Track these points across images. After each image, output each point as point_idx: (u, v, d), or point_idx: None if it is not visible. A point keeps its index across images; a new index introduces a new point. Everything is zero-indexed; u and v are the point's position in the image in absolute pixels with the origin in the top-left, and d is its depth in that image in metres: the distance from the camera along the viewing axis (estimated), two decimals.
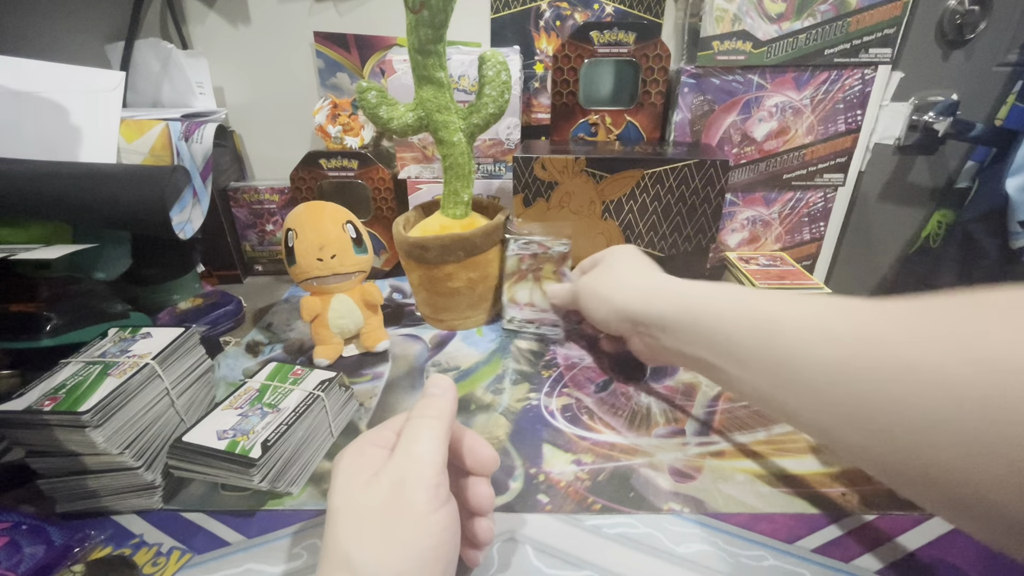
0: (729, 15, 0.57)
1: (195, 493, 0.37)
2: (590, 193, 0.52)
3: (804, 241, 0.71)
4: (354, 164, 0.65)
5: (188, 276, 0.62)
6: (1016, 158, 0.64)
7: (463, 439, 0.29)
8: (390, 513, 0.23)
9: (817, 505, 0.35)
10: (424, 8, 0.43)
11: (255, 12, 0.71)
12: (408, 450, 0.25)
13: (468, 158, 0.52)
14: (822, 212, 0.69)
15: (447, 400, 0.28)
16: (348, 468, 0.25)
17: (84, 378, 0.35)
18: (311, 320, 0.51)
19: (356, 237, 0.51)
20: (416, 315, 0.60)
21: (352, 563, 0.22)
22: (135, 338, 0.40)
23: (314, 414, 0.38)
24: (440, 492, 0.24)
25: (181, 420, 0.39)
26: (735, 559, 0.32)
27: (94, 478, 0.34)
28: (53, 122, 0.51)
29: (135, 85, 0.69)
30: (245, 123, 0.78)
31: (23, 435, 0.33)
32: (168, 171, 0.51)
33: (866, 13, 0.57)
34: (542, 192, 0.54)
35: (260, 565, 0.32)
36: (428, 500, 0.23)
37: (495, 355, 0.53)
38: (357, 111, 0.68)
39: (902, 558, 0.32)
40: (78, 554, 0.32)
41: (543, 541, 0.33)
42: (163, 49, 0.66)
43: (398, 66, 0.59)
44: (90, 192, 0.45)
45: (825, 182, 0.66)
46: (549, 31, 0.69)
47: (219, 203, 0.68)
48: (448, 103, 0.49)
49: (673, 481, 0.37)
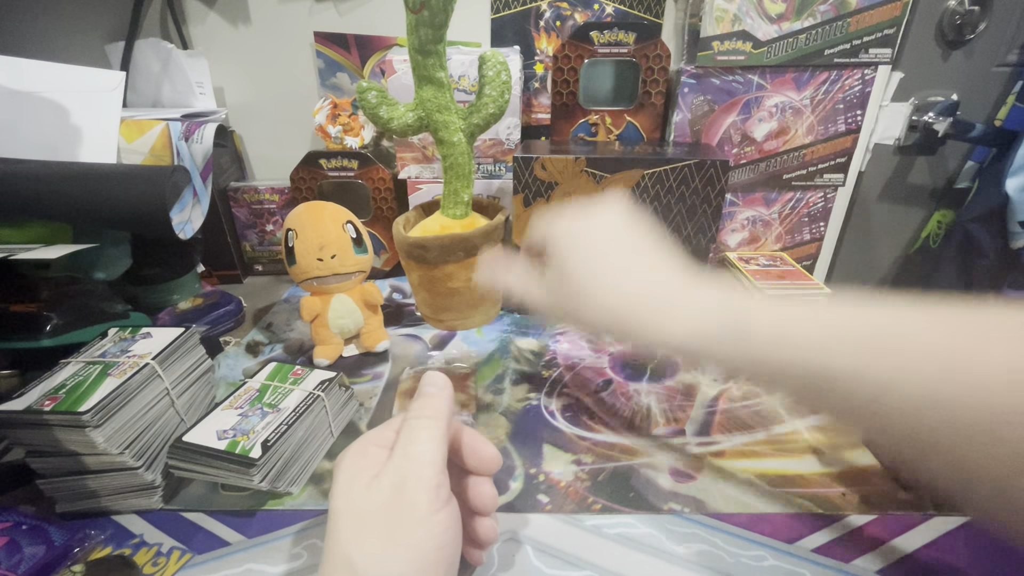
0: (729, 15, 0.57)
1: (195, 493, 0.37)
2: (591, 193, 0.52)
3: (804, 241, 0.71)
4: (354, 164, 0.65)
5: (188, 276, 0.62)
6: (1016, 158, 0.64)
7: (463, 438, 0.29)
8: (391, 515, 0.23)
9: (817, 505, 0.35)
10: (424, 8, 0.43)
11: (255, 12, 0.71)
12: (407, 451, 0.25)
13: (468, 158, 0.52)
14: (822, 212, 0.69)
15: (443, 398, 0.27)
16: (349, 469, 0.25)
17: (84, 378, 0.35)
18: (311, 320, 0.50)
19: (356, 237, 0.51)
20: (416, 315, 0.60)
21: (354, 565, 0.22)
22: (135, 338, 0.40)
23: (314, 414, 0.38)
24: (441, 493, 0.24)
25: (181, 420, 0.39)
26: (735, 559, 0.32)
27: (94, 478, 0.34)
28: (53, 122, 0.51)
29: (135, 85, 0.69)
30: (245, 123, 0.78)
31: (23, 435, 0.33)
32: (168, 171, 0.51)
33: (866, 13, 0.57)
34: (542, 192, 0.53)
35: (260, 565, 0.32)
36: (429, 501, 0.23)
37: (495, 355, 0.53)
38: (357, 111, 0.68)
39: (902, 558, 0.32)
40: (78, 554, 0.32)
41: (543, 541, 0.33)
42: (163, 49, 0.66)
43: (398, 66, 0.59)
44: (90, 192, 0.45)
45: (825, 182, 0.66)
46: (549, 31, 0.69)
47: (219, 203, 0.68)
48: (448, 103, 0.49)
49: (673, 481, 0.37)
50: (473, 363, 0.51)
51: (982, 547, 0.32)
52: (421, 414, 0.26)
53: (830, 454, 0.40)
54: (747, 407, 0.45)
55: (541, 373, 0.50)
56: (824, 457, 0.39)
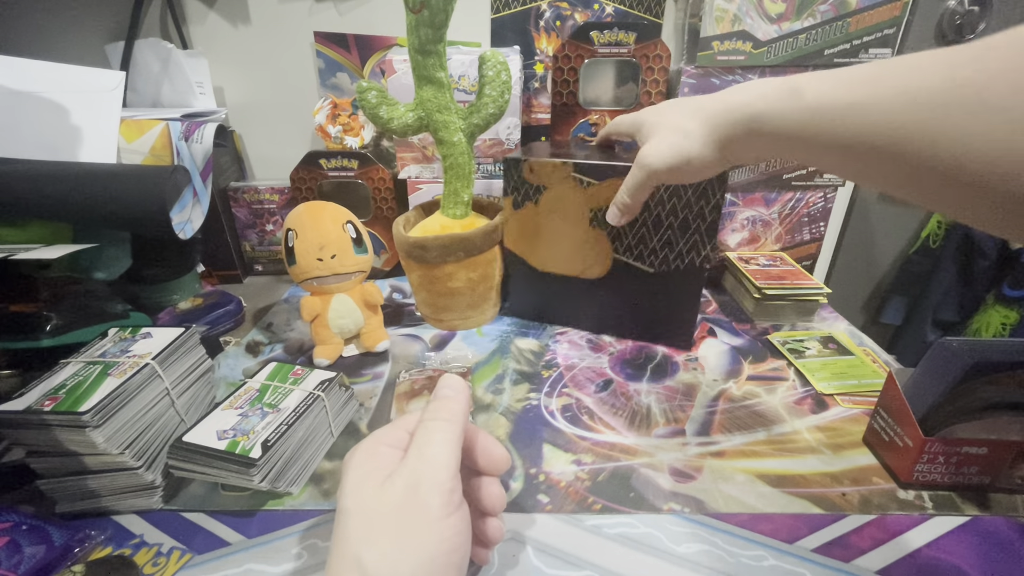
0: (729, 15, 0.57)
1: (195, 493, 0.37)
2: (578, 199, 0.51)
3: (804, 241, 0.71)
4: (354, 164, 0.65)
5: (188, 276, 0.62)
6: None
7: (476, 439, 0.29)
8: (404, 517, 0.23)
9: (817, 505, 0.35)
10: (424, 8, 0.43)
11: (255, 12, 0.71)
12: (422, 453, 0.25)
13: (468, 158, 0.52)
14: (822, 212, 0.69)
15: (460, 402, 0.27)
16: (360, 468, 0.25)
17: (84, 378, 0.35)
18: (311, 320, 0.51)
19: (356, 237, 0.51)
20: (416, 315, 0.60)
21: (363, 565, 0.22)
22: (135, 338, 0.40)
23: (314, 414, 0.38)
24: (454, 497, 0.24)
25: (181, 420, 0.39)
26: (735, 559, 0.32)
27: (94, 478, 0.34)
28: (53, 122, 0.51)
29: (135, 85, 0.68)
30: (245, 123, 0.78)
31: (23, 435, 0.33)
32: (168, 171, 0.51)
33: (866, 13, 0.57)
34: (530, 195, 0.53)
35: (260, 565, 0.32)
36: (443, 504, 0.23)
37: (495, 355, 0.53)
38: (357, 111, 0.68)
39: (902, 558, 0.32)
40: (78, 554, 0.32)
41: (543, 541, 0.33)
42: (163, 49, 0.66)
43: (398, 66, 0.59)
44: (90, 192, 0.45)
45: (825, 182, 0.66)
46: (549, 31, 0.69)
47: (219, 203, 0.68)
48: (448, 103, 0.49)
49: (673, 481, 0.37)
50: (472, 363, 0.51)
51: (982, 547, 0.32)
52: (437, 416, 0.26)
53: (830, 454, 0.40)
54: (747, 407, 0.45)
55: (541, 373, 0.50)
56: (824, 457, 0.39)
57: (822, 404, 0.45)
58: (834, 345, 0.53)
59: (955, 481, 0.36)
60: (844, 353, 0.52)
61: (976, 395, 0.34)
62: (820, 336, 0.55)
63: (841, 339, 0.54)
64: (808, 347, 0.53)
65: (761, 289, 0.58)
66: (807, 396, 0.46)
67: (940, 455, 0.35)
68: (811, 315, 0.59)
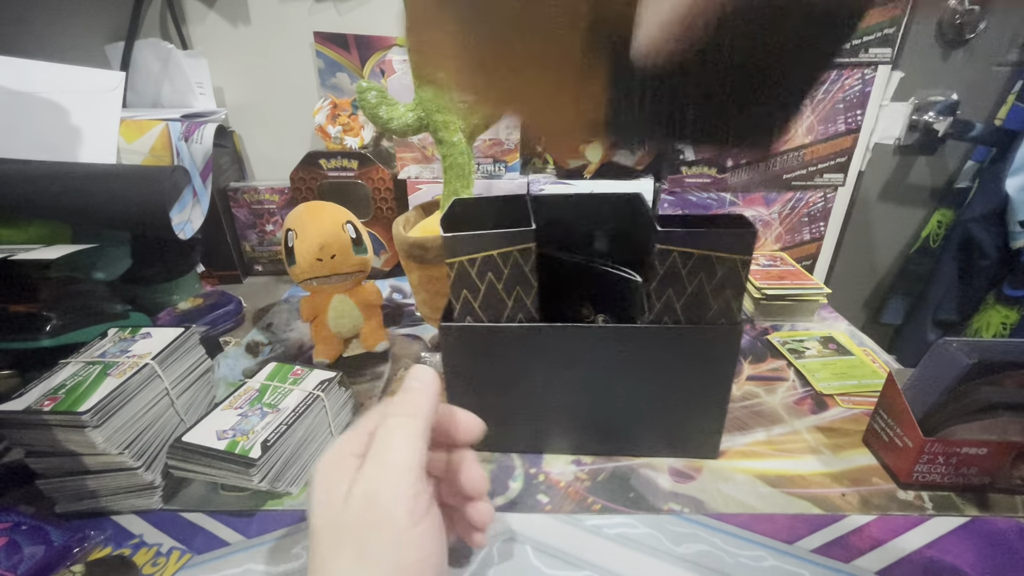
0: None
1: (195, 493, 0.37)
2: None
3: (804, 241, 0.71)
4: (354, 164, 0.65)
5: (188, 276, 0.62)
6: (1016, 158, 0.64)
7: (453, 415, 0.28)
8: (368, 530, 0.22)
9: (817, 505, 0.35)
10: None
11: (255, 12, 0.71)
12: (381, 458, 0.23)
13: (468, 158, 0.52)
14: (822, 212, 0.69)
15: (427, 394, 0.25)
16: (324, 483, 0.23)
17: (84, 378, 0.35)
18: (311, 320, 0.50)
19: (356, 237, 0.51)
20: (416, 315, 0.60)
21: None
22: (135, 338, 0.40)
23: (314, 414, 0.38)
24: (420, 502, 0.23)
25: (181, 420, 0.39)
26: (735, 559, 0.32)
27: (94, 478, 0.34)
28: (53, 122, 0.51)
29: (135, 85, 0.68)
30: (245, 123, 0.78)
31: (23, 435, 0.33)
32: (168, 171, 0.51)
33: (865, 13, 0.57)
34: None
35: (260, 565, 0.32)
36: (407, 513, 0.22)
37: None
38: (357, 111, 0.68)
39: (902, 559, 0.32)
40: (78, 554, 0.32)
41: (543, 541, 0.33)
42: (163, 49, 0.66)
43: (398, 66, 0.58)
44: (90, 192, 0.46)
45: (825, 182, 0.66)
46: None
47: (219, 203, 0.68)
48: (448, 103, 0.49)
49: (673, 481, 0.37)
50: None
51: (982, 548, 0.32)
52: (399, 411, 0.25)
53: (830, 454, 0.40)
54: (747, 407, 0.45)
55: None
56: (824, 457, 0.39)
57: (822, 404, 0.45)
58: (834, 345, 0.53)
59: (955, 482, 0.36)
60: (844, 353, 0.52)
61: (976, 395, 0.34)
62: (820, 336, 0.55)
63: (841, 339, 0.54)
64: (808, 347, 0.53)
65: (761, 289, 0.58)
66: (807, 396, 0.46)
67: (940, 455, 0.35)
68: (811, 315, 0.59)
